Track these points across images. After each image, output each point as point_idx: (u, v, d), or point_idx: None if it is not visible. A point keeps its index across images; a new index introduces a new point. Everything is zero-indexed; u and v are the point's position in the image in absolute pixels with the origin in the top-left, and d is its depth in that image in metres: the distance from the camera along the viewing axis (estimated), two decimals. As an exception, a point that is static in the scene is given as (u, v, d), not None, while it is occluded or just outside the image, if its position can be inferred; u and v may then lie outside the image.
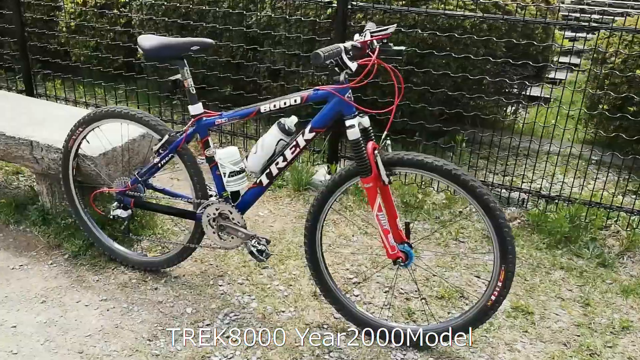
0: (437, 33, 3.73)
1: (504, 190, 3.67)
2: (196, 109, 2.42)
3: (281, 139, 2.32)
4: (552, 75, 5.67)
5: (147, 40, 2.35)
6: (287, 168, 2.39)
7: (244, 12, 4.21)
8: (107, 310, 2.56)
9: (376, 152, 2.16)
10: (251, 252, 2.42)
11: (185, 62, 2.38)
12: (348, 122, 2.17)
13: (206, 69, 4.45)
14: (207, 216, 2.50)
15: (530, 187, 3.77)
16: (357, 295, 2.73)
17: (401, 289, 2.79)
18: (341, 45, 2.01)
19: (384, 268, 2.92)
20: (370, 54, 2.09)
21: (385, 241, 2.24)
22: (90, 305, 2.59)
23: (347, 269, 2.93)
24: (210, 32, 4.38)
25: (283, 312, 2.59)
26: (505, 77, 4.02)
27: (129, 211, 2.65)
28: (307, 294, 2.71)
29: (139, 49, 2.40)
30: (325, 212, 2.36)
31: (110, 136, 2.77)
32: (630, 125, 3.80)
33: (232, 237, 2.50)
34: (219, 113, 2.41)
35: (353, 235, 3.24)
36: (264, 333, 2.45)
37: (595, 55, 4.08)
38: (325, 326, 2.51)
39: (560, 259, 3.13)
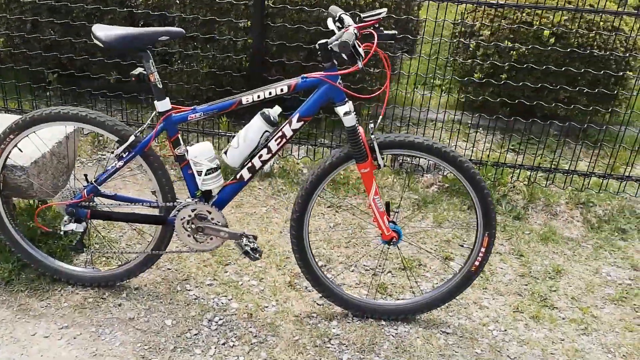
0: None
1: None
2: (164, 105, 2.21)
3: (266, 131, 2.22)
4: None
5: (105, 31, 2.08)
6: (271, 160, 2.30)
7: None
8: (74, 338, 2.28)
9: (373, 136, 2.18)
10: (246, 252, 2.31)
11: (150, 54, 2.15)
12: (343, 109, 2.16)
13: (88, 55, 4.02)
14: (182, 219, 2.32)
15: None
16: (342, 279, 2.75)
17: (367, 266, 2.87)
18: (354, 32, 1.97)
19: (364, 248, 2.97)
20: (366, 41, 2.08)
21: (382, 223, 2.29)
22: (51, 336, 2.28)
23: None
24: (88, 15, 3.95)
25: (267, 307, 2.52)
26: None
27: (84, 224, 2.36)
28: (282, 285, 2.66)
29: (97, 42, 2.11)
30: (313, 200, 2.33)
31: (35, 141, 2.41)
32: (501, 90, 4.23)
33: (212, 238, 2.36)
34: (191, 107, 2.24)
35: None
36: (259, 332, 2.37)
37: (462, 28, 4.43)
38: (314, 315, 2.50)
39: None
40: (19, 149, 2.34)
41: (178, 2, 3.82)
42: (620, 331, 2.59)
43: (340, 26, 2.21)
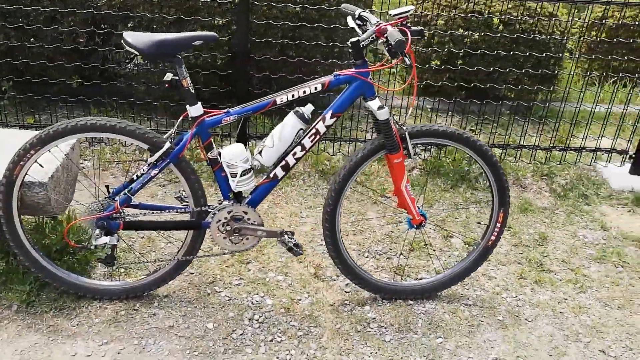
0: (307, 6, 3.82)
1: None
2: (197, 109, 2.20)
3: (301, 128, 2.27)
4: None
5: (139, 38, 2.04)
6: (304, 157, 2.35)
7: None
8: (118, 353, 2.24)
9: (404, 127, 2.29)
10: (290, 249, 2.35)
11: (182, 59, 2.13)
12: (375, 103, 2.25)
13: (46, 60, 3.82)
14: (218, 222, 2.33)
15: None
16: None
17: (379, 251, 3.00)
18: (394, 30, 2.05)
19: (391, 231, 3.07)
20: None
21: (413, 209, 2.42)
22: (93, 354, 2.23)
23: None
24: (47, 18, 3.76)
25: (300, 300, 2.59)
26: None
27: (116, 236, 2.30)
28: (309, 277, 2.73)
29: (129, 49, 2.06)
30: (345, 192, 2.41)
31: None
32: (456, 75, 4.48)
33: (247, 238, 2.38)
34: (225, 110, 2.24)
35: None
36: (300, 325, 2.43)
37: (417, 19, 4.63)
38: (346, 302, 2.60)
39: (465, 194, 3.66)
40: (40, 165, 2.24)
41: (145, 1, 3.72)
42: (610, 286, 2.89)
43: (361, 24, 2.30)
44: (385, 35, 2.05)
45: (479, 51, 4.20)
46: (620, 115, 4.06)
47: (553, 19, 4.27)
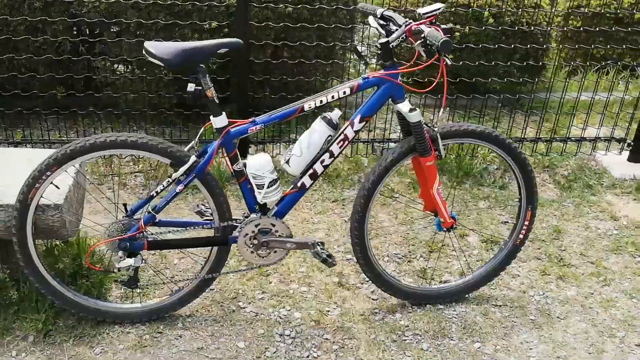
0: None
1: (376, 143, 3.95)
2: (222, 120, 2.09)
3: (329, 135, 2.18)
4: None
5: (163, 47, 1.92)
6: (331, 164, 2.27)
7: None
8: (149, 379, 2.12)
9: (436, 129, 2.22)
10: (324, 260, 2.26)
11: (205, 68, 2.01)
12: (406, 106, 2.17)
13: (26, 70, 3.63)
14: (245, 236, 2.22)
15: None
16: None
17: (399, 254, 2.93)
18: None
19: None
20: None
21: (444, 212, 2.35)
22: (123, 383, 2.10)
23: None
24: (28, 27, 3.57)
25: (329, 311, 2.50)
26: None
27: (140, 257, 2.17)
28: (333, 287, 2.65)
29: (152, 59, 1.93)
30: (374, 198, 2.33)
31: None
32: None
33: (275, 251, 2.28)
34: (251, 120, 2.13)
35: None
36: (334, 338, 2.35)
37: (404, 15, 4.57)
38: (376, 311, 2.52)
39: (473, 191, 3.63)
40: (56, 186, 2.10)
41: (132, 7, 3.55)
42: (632, 277, 2.88)
43: (385, 23, 2.21)
44: (422, 35, 1.97)
45: (465, 45, 4.14)
46: (609, 103, 4.08)
47: (537, 9, 4.25)
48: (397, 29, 2.14)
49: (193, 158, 2.08)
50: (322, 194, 3.48)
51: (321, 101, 2.13)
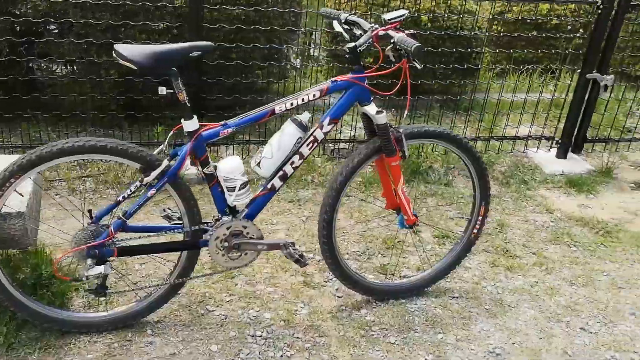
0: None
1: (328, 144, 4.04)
2: (193, 123, 2.09)
3: (299, 137, 2.23)
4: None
5: (135, 50, 1.90)
6: (301, 165, 2.31)
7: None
8: (123, 388, 2.08)
9: (401, 130, 2.31)
10: (297, 260, 2.29)
11: (177, 71, 2.00)
12: (373, 108, 2.25)
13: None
14: (217, 239, 2.23)
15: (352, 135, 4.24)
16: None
17: (357, 252, 3.01)
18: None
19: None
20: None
21: (408, 210, 2.45)
22: (96, 394, 2.05)
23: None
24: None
25: (297, 310, 2.54)
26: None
27: (109, 264, 2.13)
28: (299, 286, 2.69)
29: (124, 62, 1.90)
30: (341, 198, 2.39)
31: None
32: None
33: (246, 253, 2.30)
34: (222, 123, 2.14)
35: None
36: (305, 336, 2.39)
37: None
38: (342, 308, 2.59)
39: (420, 188, 3.77)
40: (19, 194, 2.02)
41: (75, 7, 3.44)
42: (570, 265, 3.11)
43: (349, 28, 2.29)
44: (392, 41, 2.05)
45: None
46: (540, 103, 4.36)
47: (461, 15, 4.47)
48: (361, 34, 2.22)
49: (165, 162, 2.06)
50: (278, 194, 3.50)
51: (292, 104, 2.17)
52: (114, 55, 1.93)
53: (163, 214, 2.32)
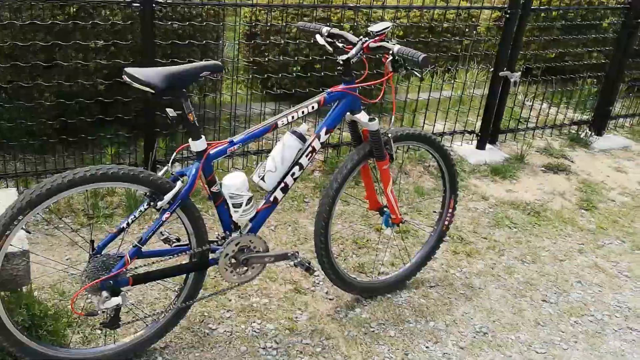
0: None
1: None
2: (202, 143, 2.08)
3: (300, 148, 2.29)
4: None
5: (148, 73, 1.87)
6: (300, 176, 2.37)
7: None
8: (152, 419, 2.04)
9: (389, 135, 2.45)
10: (307, 268, 2.34)
11: (186, 92, 2.00)
12: (365, 116, 2.37)
13: None
14: (226, 256, 2.24)
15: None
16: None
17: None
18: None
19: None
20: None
21: (396, 210, 2.60)
22: None
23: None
24: None
25: (297, 318, 2.60)
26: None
27: (124, 294, 2.06)
28: (291, 294, 2.74)
29: (138, 85, 1.86)
30: (337, 203, 2.49)
31: None
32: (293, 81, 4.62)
33: (253, 267, 2.33)
34: (228, 140, 2.15)
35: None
36: (313, 341, 2.46)
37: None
38: (338, 309, 2.68)
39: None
40: (27, 231, 1.90)
41: (5, 28, 3.21)
42: (516, 245, 3.44)
43: (332, 41, 2.39)
44: (390, 52, 2.18)
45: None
46: (460, 100, 4.73)
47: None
48: (344, 46, 2.34)
49: (179, 184, 2.03)
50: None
51: (293, 117, 2.23)
52: (125, 78, 1.87)
53: (162, 237, 2.27)
